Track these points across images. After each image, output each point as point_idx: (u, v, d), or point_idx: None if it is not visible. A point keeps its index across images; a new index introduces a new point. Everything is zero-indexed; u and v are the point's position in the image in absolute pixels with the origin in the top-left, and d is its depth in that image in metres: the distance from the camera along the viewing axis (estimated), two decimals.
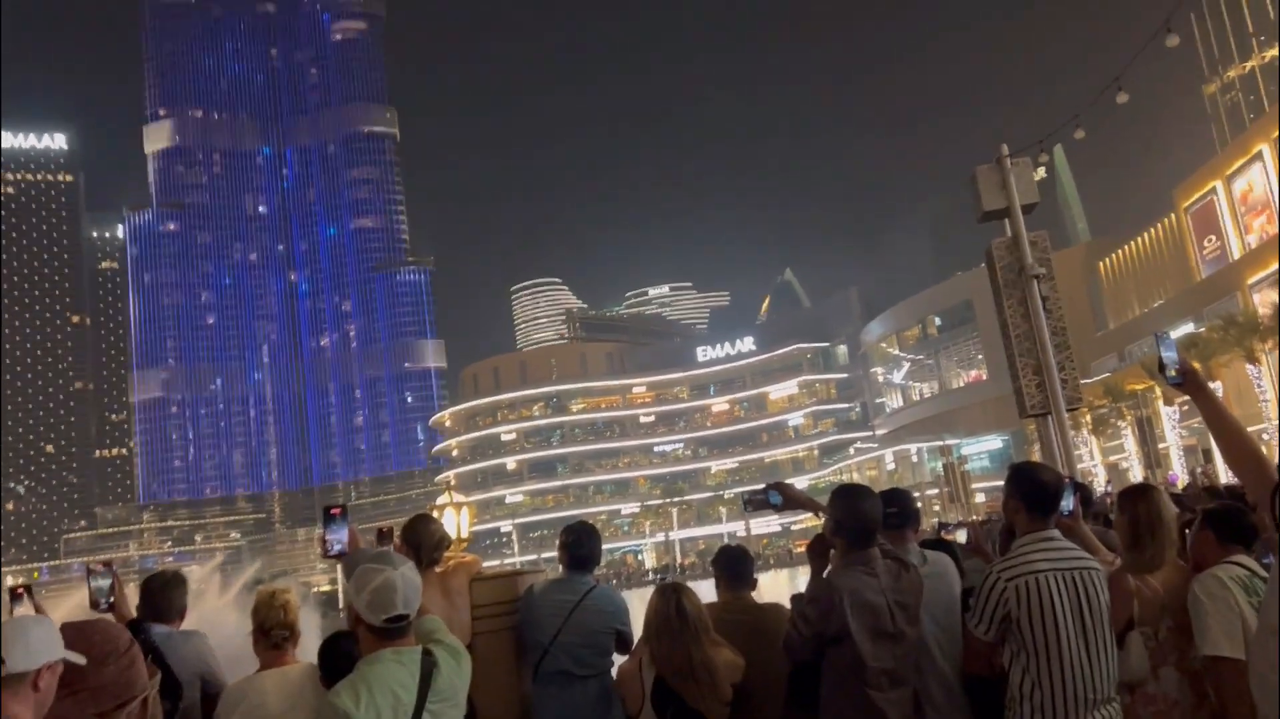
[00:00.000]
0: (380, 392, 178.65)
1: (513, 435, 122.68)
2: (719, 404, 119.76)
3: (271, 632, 3.96)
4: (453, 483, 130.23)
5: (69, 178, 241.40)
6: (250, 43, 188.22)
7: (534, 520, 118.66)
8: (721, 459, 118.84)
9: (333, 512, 3.40)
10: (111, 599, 4.05)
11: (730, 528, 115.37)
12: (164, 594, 4.41)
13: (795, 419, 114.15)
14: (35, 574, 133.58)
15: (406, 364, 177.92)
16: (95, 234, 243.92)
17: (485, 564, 5.83)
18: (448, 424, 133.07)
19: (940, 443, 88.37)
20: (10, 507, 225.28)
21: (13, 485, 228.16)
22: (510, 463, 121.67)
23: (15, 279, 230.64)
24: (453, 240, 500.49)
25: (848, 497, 3.96)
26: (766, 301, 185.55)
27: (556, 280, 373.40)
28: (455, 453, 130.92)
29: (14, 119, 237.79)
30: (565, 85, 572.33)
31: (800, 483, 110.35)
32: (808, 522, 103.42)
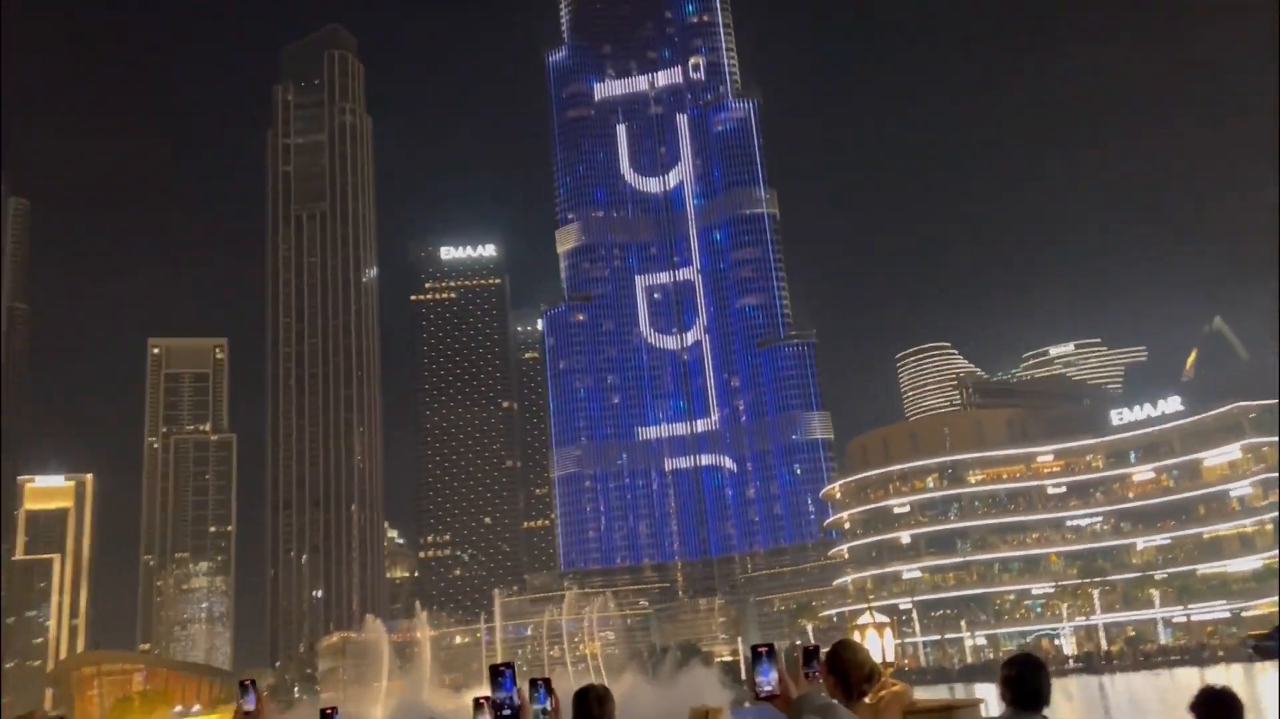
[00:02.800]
0: (770, 464, 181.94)
1: (906, 508, 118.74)
2: (1142, 473, 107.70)
3: None
4: (846, 556, 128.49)
5: (497, 281, 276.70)
6: (641, 142, 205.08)
7: (935, 599, 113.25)
8: (1149, 535, 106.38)
9: (759, 649, 3.31)
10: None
11: (1164, 612, 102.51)
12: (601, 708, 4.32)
13: (1240, 489, 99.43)
14: (478, 634, 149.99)
15: (794, 436, 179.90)
16: (519, 329, 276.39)
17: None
18: (838, 496, 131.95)
19: None
20: (458, 573, 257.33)
21: (458, 554, 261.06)
22: (905, 537, 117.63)
23: (458, 372, 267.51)
24: (834, 311, 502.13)
25: None
26: (1193, 356, 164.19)
27: (945, 345, 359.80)
28: (847, 526, 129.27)
29: (453, 234, 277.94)
30: (949, 144, 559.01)
31: (1251, 564, 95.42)
32: (1262, 608, 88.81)
